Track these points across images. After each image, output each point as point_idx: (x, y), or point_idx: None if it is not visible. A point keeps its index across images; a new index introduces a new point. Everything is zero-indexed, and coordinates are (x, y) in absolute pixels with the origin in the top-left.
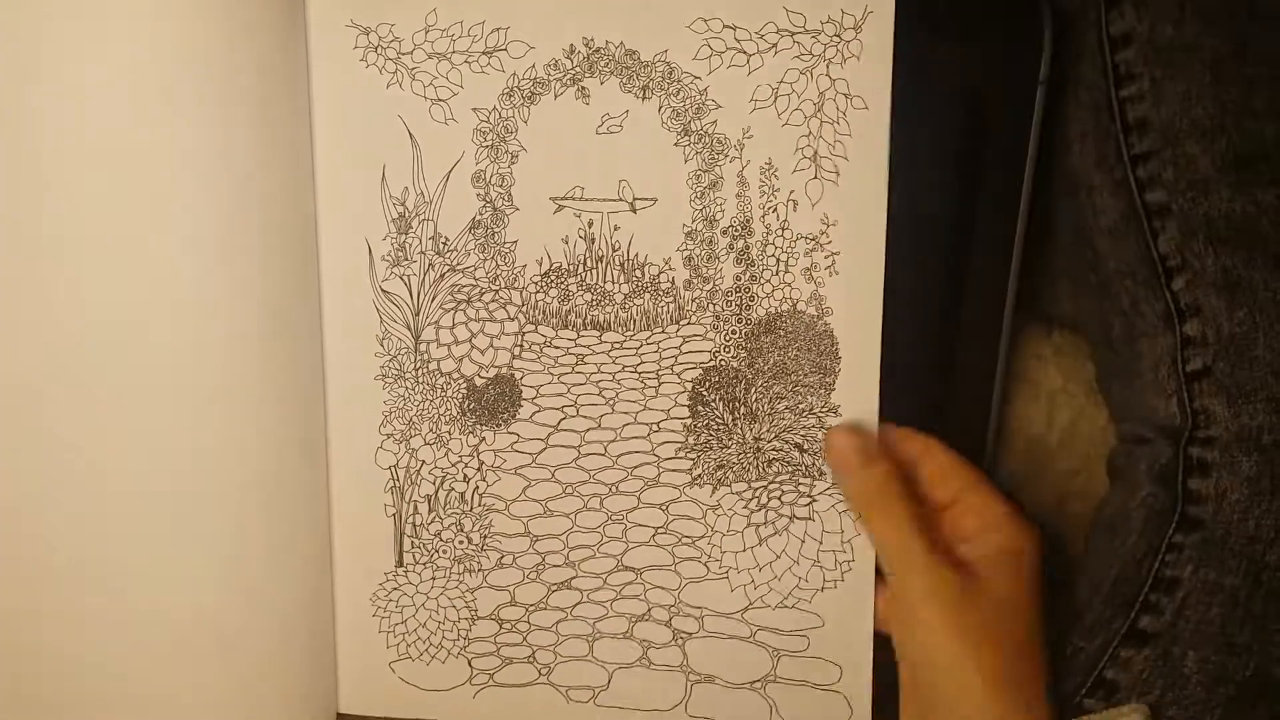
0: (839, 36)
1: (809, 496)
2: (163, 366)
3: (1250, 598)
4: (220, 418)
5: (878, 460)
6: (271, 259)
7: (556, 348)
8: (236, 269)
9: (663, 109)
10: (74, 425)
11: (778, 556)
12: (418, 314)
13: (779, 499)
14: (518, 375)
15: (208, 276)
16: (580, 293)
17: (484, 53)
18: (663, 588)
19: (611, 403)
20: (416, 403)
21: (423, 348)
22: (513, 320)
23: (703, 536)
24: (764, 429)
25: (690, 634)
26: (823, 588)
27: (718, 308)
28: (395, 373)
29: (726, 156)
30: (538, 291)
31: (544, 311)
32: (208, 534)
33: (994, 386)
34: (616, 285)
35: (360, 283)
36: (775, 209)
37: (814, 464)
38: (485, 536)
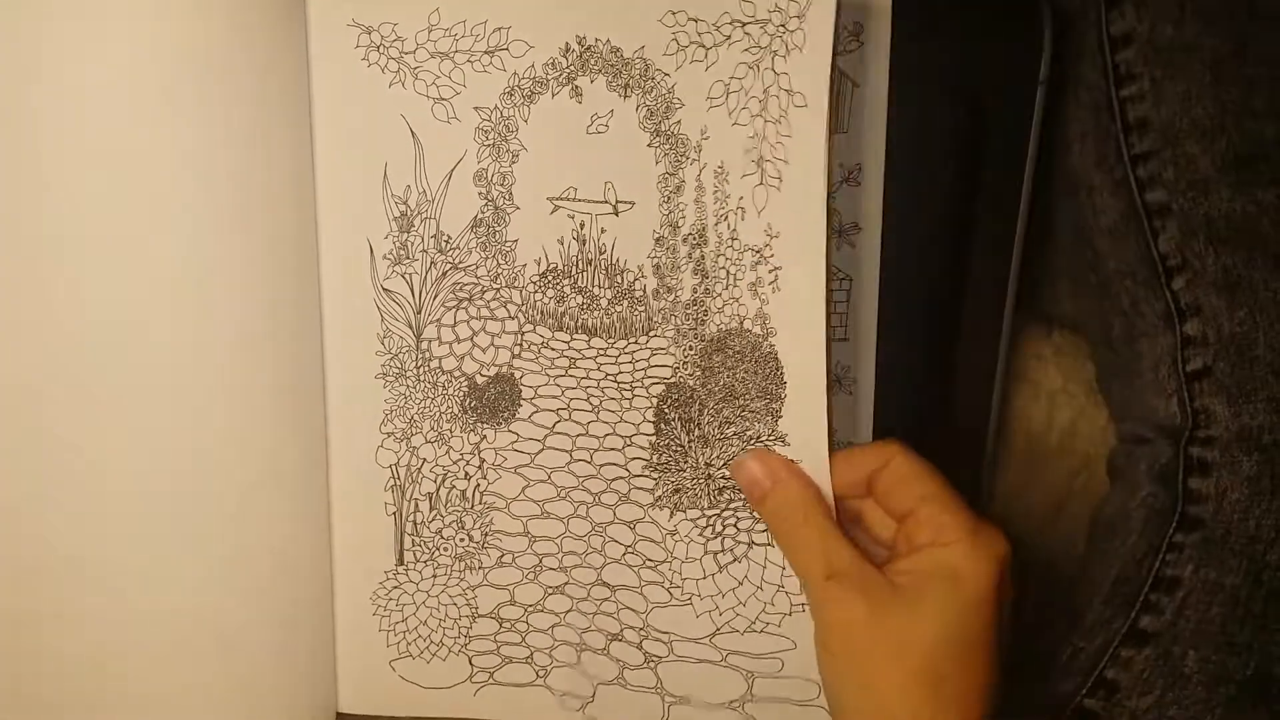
0: (784, 26)
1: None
2: (163, 366)
3: (1251, 597)
4: (220, 417)
5: (785, 484)
6: (272, 258)
7: (553, 349)
8: (236, 268)
9: (639, 108)
10: (74, 425)
11: (740, 583)
12: (419, 312)
13: (735, 525)
14: (517, 374)
15: (208, 276)
16: (573, 295)
17: (486, 52)
18: (632, 609)
19: (596, 410)
20: (417, 401)
21: (424, 346)
22: (513, 319)
23: (664, 561)
24: (714, 454)
25: (661, 658)
26: (790, 611)
27: (678, 321)
28: (396, 371)
29: (688, 159)
30: (536, 292)
31: (541, 312)
32: (208, 533)
33: (994, 386)
34: (602, 290)
35: (361, 282)
36: (726, 217)
37: None
38: (486, 534)
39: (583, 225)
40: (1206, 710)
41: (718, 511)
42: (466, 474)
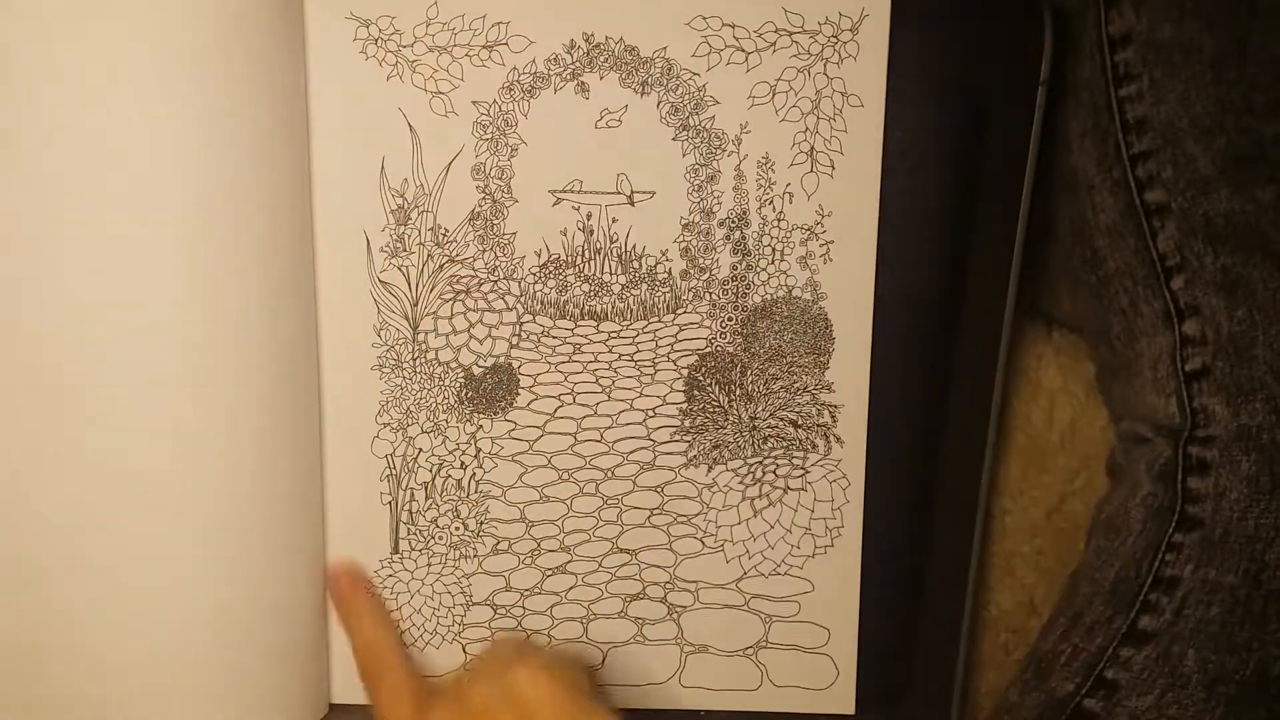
0: (836, 38)
1: (802, 468)
2: (158, 357)
3: (1250, 597)
4: (216, 408)
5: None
6: (268, 250)
7: (554, 337)
8: (232, 260)
9: (661, 104)
10: (69, 417)
11: (771, 526)
12: (416, 304)
13: (774, 472)
14: (515, 364)
15: (205, 266)
16: (578, 283)
17: (484, 46)
18: (658, 566)
19: (608, 390)
20: (414, 392)
21: (420, 337)
22: (511, 310)
23: (698, 514)
24: (760, 408)
25: (685, 607)
26: (814, 554)
27: (714, 296)
28: (393, 362)
29: (724, 151)
30: (536, 282)
31: (542, 302)
32: (203, 523)
33: (994, 386)
34: (614, 276)
35: (357, 274)
36: (771, 201)
37: (807, 437)
38: (481, 523)
39: (589, 216)
40: (1206, 709)
41: (760, 459)
42: (462, 464)
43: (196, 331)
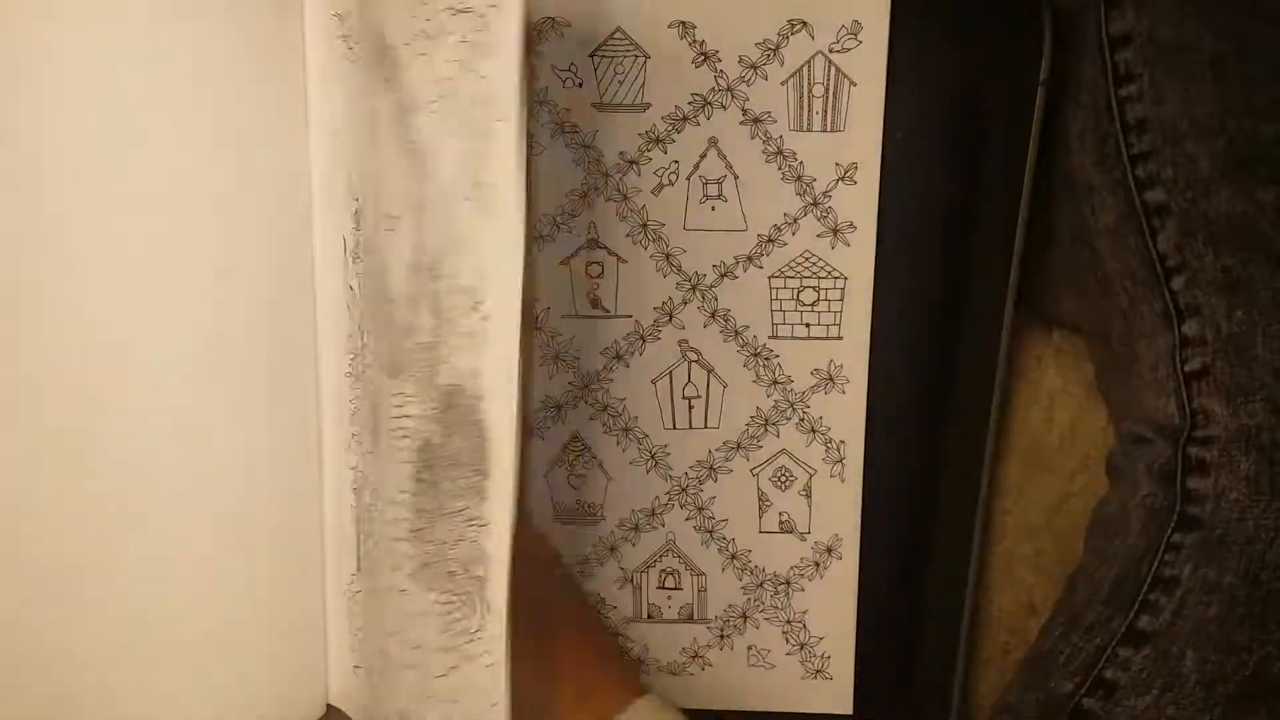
0: (483, 18)
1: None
2: (155, 356)
3: (1249, 597)
4: (212, 411)
5: None
6: (266, 250)
7: None
8: (227, 263)
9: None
10: (66, 420)
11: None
12: None
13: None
14: None
15: (201, 268)
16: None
17: None
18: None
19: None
20: None
21: None
22: None
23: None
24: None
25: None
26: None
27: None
28: None
29: (427, 175)
30: None
31: None
32: (199, 526)
33: (994, 388)
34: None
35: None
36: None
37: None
38: None
39: None
40: (1204, 710)
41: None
42: None
43: (193, 332)
